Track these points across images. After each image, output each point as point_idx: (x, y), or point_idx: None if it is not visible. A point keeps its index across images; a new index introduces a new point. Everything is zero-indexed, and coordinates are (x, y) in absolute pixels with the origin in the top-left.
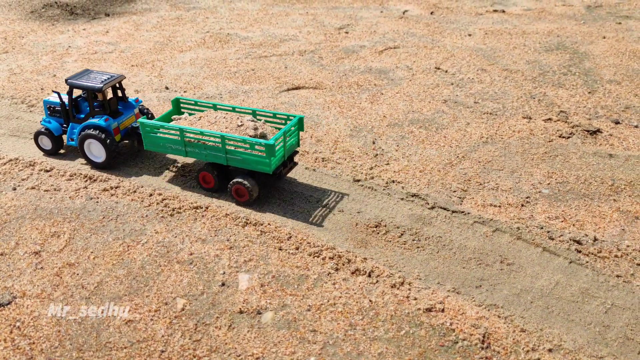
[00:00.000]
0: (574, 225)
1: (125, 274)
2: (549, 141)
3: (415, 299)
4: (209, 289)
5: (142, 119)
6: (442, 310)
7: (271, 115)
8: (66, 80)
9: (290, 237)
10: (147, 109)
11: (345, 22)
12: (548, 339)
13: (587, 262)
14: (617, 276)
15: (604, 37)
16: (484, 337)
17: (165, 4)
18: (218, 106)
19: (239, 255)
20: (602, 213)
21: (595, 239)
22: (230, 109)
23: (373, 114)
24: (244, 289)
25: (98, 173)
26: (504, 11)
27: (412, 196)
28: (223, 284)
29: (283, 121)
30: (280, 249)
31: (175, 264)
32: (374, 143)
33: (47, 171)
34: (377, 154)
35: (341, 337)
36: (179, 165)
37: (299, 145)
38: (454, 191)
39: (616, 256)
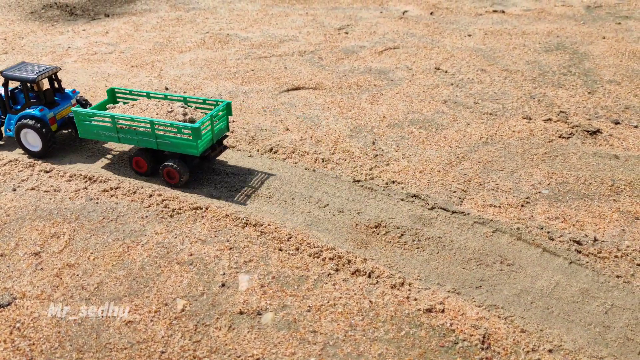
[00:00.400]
0: (574, 225)
1: (125, 275)
2: (549, 141)
3: (416, 299)
4: (209, 290)
5: (75, 108)
6: (442, 311)
7: (201, 101)
8: (1, 73)
9: (290, 238)
10: (85, 99)
11: (345, 23)
12: (548, 340)
13: (587, 262)
14: (617, 276)
15: (604, 38)
16: (484, 337)
17: (165, 4)
18: (152, 95)
19: (239, 256)
20: (602, 213)
21: (595, 240)
22: (163, 96)
23: (373, 114)
24: (244, 290)
25: (98, 174)
26: (503, 11)
27: (412, 197)
28: (223, 285)
29: (213, 107)
30: (280, 250)
31: (175, 265)
32: (373, 144)
33: (47, 172)
34: (377, 155)
35: (341, 338)
36: None
37: (228, 130)
38: (454, 192)
39: (616, 256)
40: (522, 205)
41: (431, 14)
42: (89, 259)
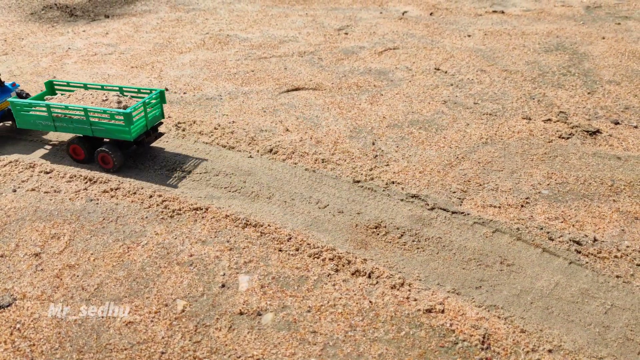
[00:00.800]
0: (573, 225)
1: (125, 276)
2: (549, 142)
3: (415, 300)
4: (209, 291)
5: (12, 99)
6: (442, 311)
7: (136, 90)
8: None
9: (290, 239)
10: (27, 93)
11: (344, 23)
12: (548, 340)
13: (586, 262)
14: (617, 277)
15: (603, 38)
16: (484, 337)
17: (164, 5)
18: (88, 86)
19: (239, 257)
20: (602, 214)
21: (595, 240)
22: (99, 87)
23: (373, 115)
24: (244, 291)
25: (98, 174)
26: (503, 12)
27: (412, 197)
28: (223, 286)
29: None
30: (280, 250)
31: (175, 266)
32: (373, 144)
33: (47, 173)
34: (376, 155)
35: (341, 339)
36: (180, 166)
37: (163, 117)
38: (454, 192)
39: (616, 257)
40: (522, 206)
41: (431, 14)
42: (89, 259)
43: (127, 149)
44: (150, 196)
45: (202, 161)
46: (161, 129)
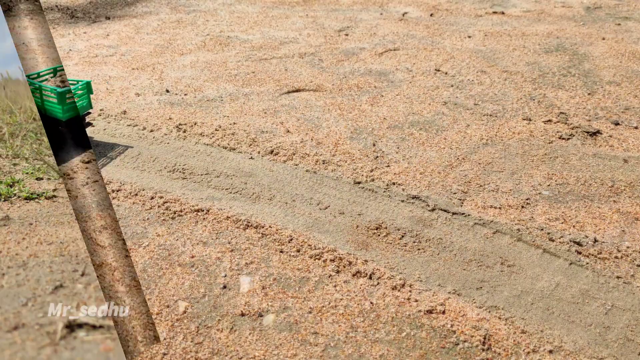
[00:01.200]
0: (574, 226)
1: None
2: (549, 143)
3: (416, 300)
4: (210, 292)
5: None
6: (443, 312)
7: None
8: None
9: (291, 240)
10: None
11: (345, 25)
12: (549, 340)
13: (587, 263)
14: (617, 277)
15: (604, 39)
16: (484, 338)
17: (165, 7)
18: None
19: (240, 258)
20: (602, 214)
21: (595, 240)
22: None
23: (373, 116)
24: (246, 292)
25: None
26: (503, 13)
27: (413, 198)
28: (224, 287)
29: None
30: (281, 252)
31: (176, 267)
32: (374, 145)
33: None
34: (377, 156)
35: (342, 340)
36: (181, 167)
37: (91, 107)
38: (454, 193)
39: (616, 257)
40: (523, 207)
41: (431, 15)
42: None
43: None
44: (152, 198)
45: (203, 163)
46: (163, 130)
